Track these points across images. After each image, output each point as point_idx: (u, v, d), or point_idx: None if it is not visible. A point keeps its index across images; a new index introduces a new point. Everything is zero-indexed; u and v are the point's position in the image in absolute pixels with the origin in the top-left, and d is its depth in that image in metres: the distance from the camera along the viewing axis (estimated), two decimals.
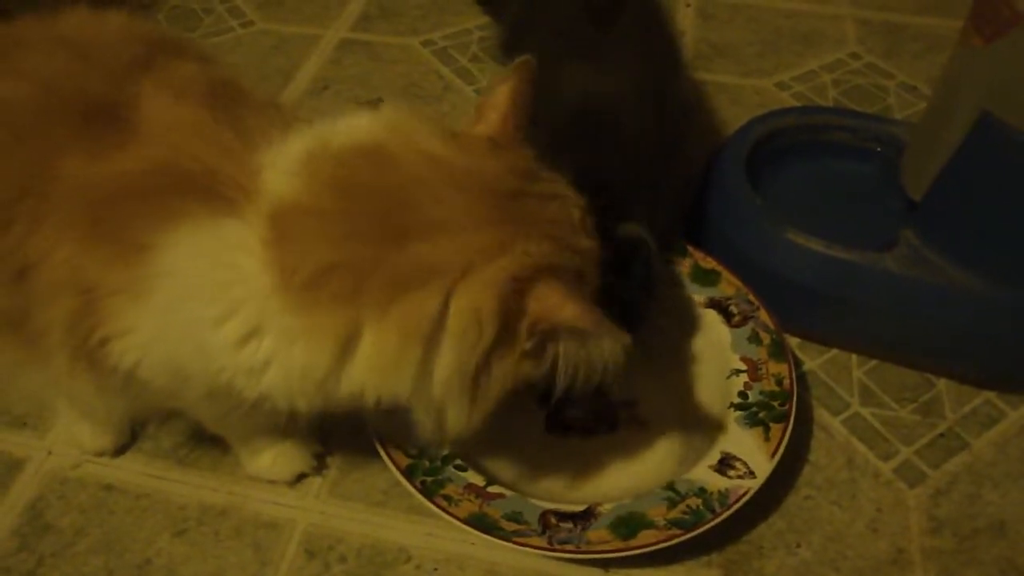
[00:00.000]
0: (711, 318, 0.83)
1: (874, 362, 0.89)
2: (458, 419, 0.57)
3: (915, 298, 0.84)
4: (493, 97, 0.62)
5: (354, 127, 0.59)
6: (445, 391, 0.56)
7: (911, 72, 1.25)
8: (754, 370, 0.78)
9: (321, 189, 0.55)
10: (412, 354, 0.54)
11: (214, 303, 0.55)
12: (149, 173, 0.56)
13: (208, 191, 0.56)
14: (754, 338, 0.81)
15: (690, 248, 0.88)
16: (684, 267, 0.86)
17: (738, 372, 0.79)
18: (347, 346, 0.54)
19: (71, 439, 0.81)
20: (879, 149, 0.99)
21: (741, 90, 1.21)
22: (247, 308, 0.55)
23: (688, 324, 0.84)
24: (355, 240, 0.54)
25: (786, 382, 0.77)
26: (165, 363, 0.59)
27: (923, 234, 0.86)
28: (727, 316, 0.83)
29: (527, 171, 0.59)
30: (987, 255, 0.83)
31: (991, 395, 0.87)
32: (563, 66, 0.88)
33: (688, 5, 1.38)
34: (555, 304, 0.54)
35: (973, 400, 0.86)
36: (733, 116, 1.15)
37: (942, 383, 0.87)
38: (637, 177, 0.82)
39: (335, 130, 0.59)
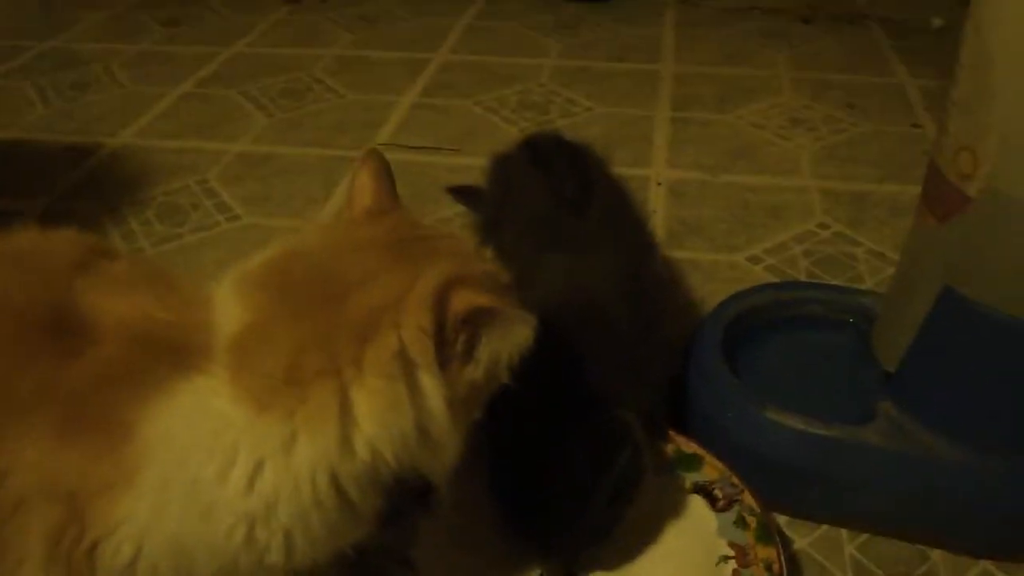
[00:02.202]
0: (696, 503, 0.83)
1: (865, 536, 0.88)
2: (455, 449, 0.63)
3: (898, 470, 0.84)
4: (357, 182, 0.70)
5: (262, 252, 0.65)
6: (442, 422, 0.61)
7: (877, 238, 1.29)
8: (743, 556, 0.78)
9: (255, 304, 0.60)
10: (400, 391, 0.58)
11: (212, 458, 0.56)
12: (111, 360, 0.58)
13: (171, 356, 0.58)
14: (740, 522, 0.80)
15: (671, 432, 0.88)
16: (667, 453, 0.87)
17: (727, 559, 0.78)
18: (345, 415, 0.57)
19: None
20: (852, 320, 1.02)
21: (715, 266, 1.25)
22: (244, 448, 0.56)
23: (674, 510, 0.83)
24: (304, 321, 0.59)
25: (775, 567, 0.76)
26: (168, 544, 0.57)
27: (900, 405, 0.87)
28: (712, 500, 0.82)
29: (410, 223, 0.69)
30: (965, 424, 0.84)
31: (988, 564, 0.85)
32: (540, 257, 0.91)
33: (659, 184, 1.44)
34: (468, 298, 0.60)
35: (970, 570, 0.85)
36: (709, 292, 1.18)
37: (936, 554, 0.86)
38: (622, 364, 0.84)
39: (249, 261, 0.64)
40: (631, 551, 0.83)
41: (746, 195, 1.41)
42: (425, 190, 1.43)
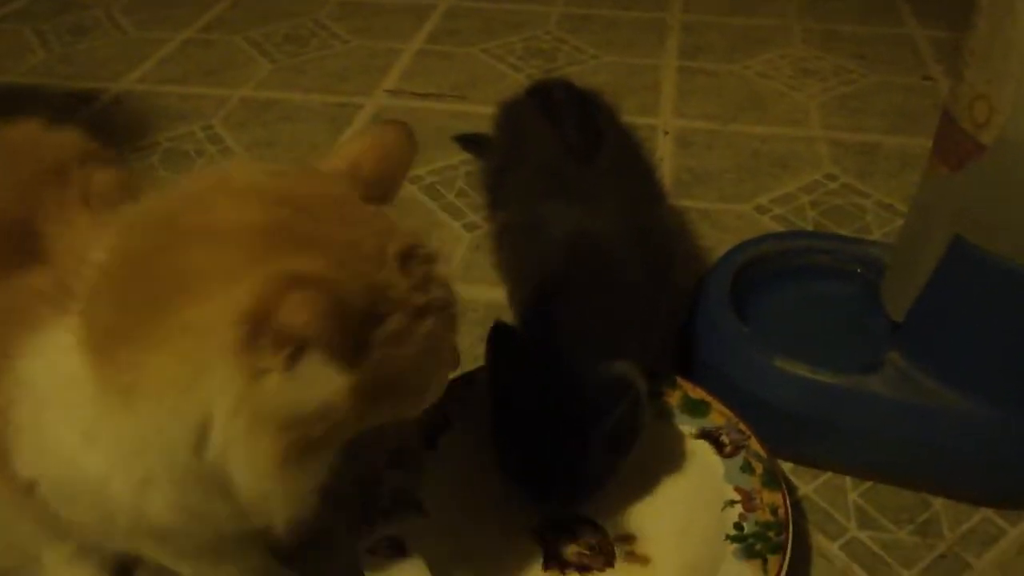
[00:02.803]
0: (703, 449, 0.83)
1: (869, 483, 0.89)
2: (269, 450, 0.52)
3: (903, 420, 0.85)
4: (351, 144, 0.63)
5: (162, 192, 0.59)
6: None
7: (886, 190, 1.29)
8: (748, 500, 0.78)
9: (121, 250, 0.55)
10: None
11: (60, 407, 0.55)
12: (26, 289, 0.57)
13: (63, 294, 0.56)
14: (747, 467, 0.81)
15: (679, 379, 0.89)
16: (674, 398, 0.87)
17: (733, 503, 0.78)
18: (187, 387, 0.51)
19: None
20: (859, 271, 1.02)
21: (722, 215, 1.24)
22: (84, 403, 0.53)
23: (680, 456, 0.84)
24: (151, 283, 0.53)
25: (781, 511, 0.77)
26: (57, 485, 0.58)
27: (908, 355, 0.87)
28: (719, 446, 0.83)
29: (344, 200, 0.58)
30: (972, 375, 0.84)
31: (989, 512, 0.86)
32: (548, 205, 0.91)
33: (666, 133, 1.43)
34: (295, 308, 0.49)
35: (971, 518, 0.86)
36: (716, 242, 1.17)
37: (939, 502, 0.87)
38: (628, 311, 0.84)
39: (146, 200, 0.59)
40: (637, 496, 0.84)
41: (754, 145, 1.40)
42: (430, 137, 1.42)
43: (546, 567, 0.79)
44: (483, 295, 1.09)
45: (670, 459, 0.84)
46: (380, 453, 0.82)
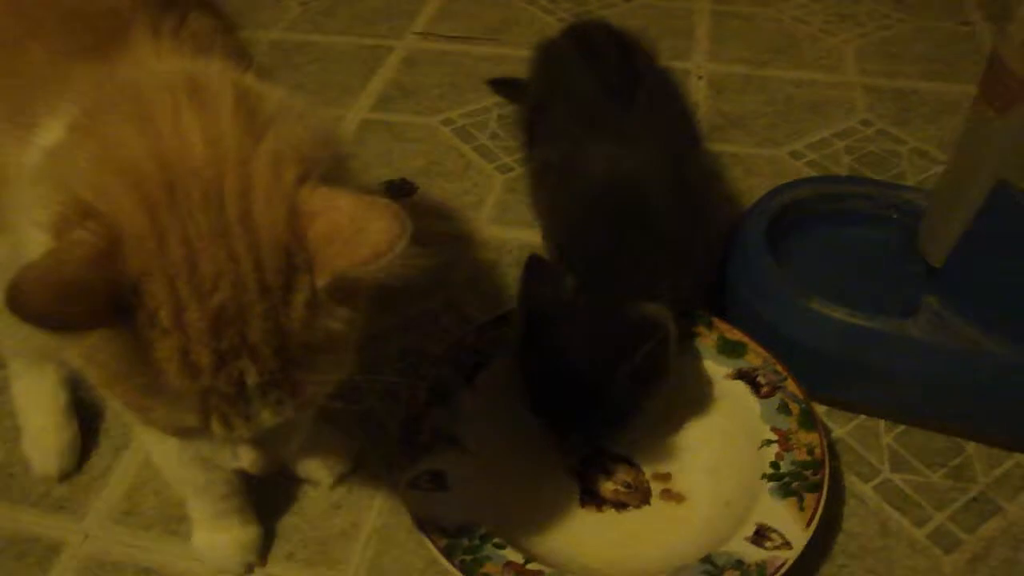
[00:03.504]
0: (739, 389, 0.84)
1: (903, 427, 0.89)
2: None
3: (940, 363, 0.85)
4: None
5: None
6: None
7: (922, 137, 1.27)
8: (785, 440, 0.79)
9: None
10: None
11: None
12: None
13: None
14: (783, 408, 0.81)
15: (715, 320, 0.89)
16: (710, 339, 0.88)
17: (769, 442, 0.79)
18: None
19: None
20: (896, 216, 1.01)
21: (756, 160, 1.24)
22: None
23: (716, 396, 0.85)
24: None
25: (817, 451, 0.78)
26: None
27: (945, 300, 0.87)
28: (755, 387, 0.83)
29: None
30: (1010, 320, 0.84)
31: (1022, 457, 0.87)
32: (586, 145, 0.91)
33: (700, 77, 1.41)
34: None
35: (1004, 463, 0.86)
36: (749, 186, 1.17)
37: (972, 446, 0.88)
38: (663, 252, 0.84)
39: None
40: (673, 435, 0.85)
41: (788, 90, 1.38)
42: (462, 80, 1.41)
43: (583, 503, 0.81)
44: (517, 236, 1.10)
45: (706, 399, 0.85)
46: (420, 390, 0.83)
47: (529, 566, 0.71)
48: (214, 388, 0.48)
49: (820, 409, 0.90)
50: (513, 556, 0.72)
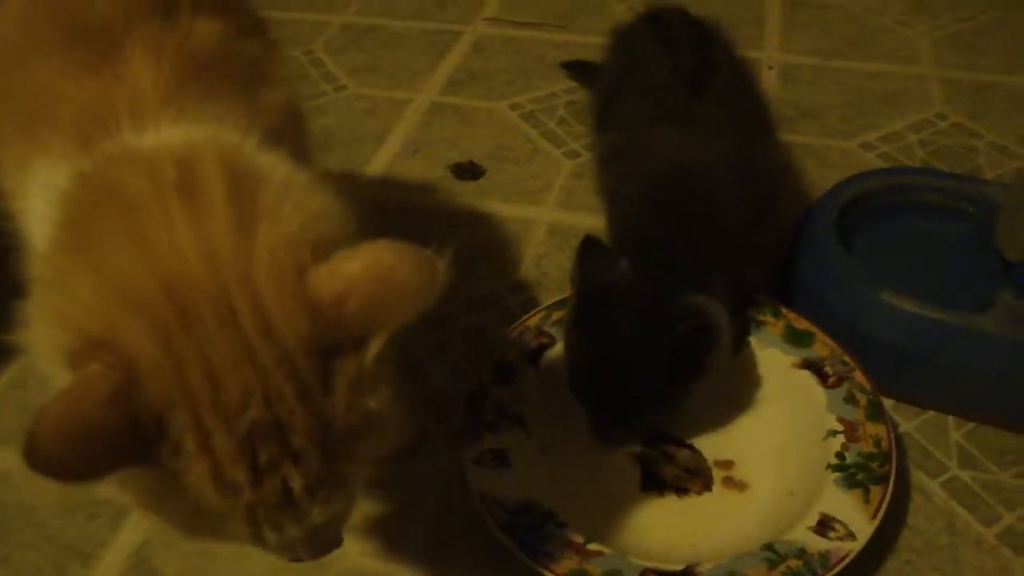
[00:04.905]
0: (805, 379, 0.83)
1: (972, 424, 0.87)
2: None
3: (1013, 360, 0.83)
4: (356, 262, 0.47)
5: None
6: None
7: (1000, 132, 1.24)
8: (851, 431, 0.78)
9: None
10: None
11: None
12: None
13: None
14: (850, 399, 0.80)
15: (783, 309, 0.88)
16: (777, 328, 0.87)
17: (835, 433, 0.78)
18: None
19: None
20: (971, 210, 0.99)
21: (826, 151, 1.22)
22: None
23: (782, 385, 0.84)
24: None
25: (884, 443, 0.77)
26: None
27: (1021, 294, 0.85)
28: (822, 377, 0.83)
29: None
30: None
31: None
32: (656, 130, 0.90)
33: (770, 68, 1.40)
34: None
35: None
36: (819, 178, 1.15)
37: None
38: (724, 245, 0.84)
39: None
40: (737, 422, 0.84)
41: (861, 81, 1.36)
42: (532, 66, 1.42)
43: (644, 488, 0.81)
44: (583, 222, 1.10)
45: (771, 387, 0.85)
46: (486, 368, 0.84)
47: (589, 546, 0.71)
48: (259, 501, 0.46)
49: (888, 403, 0.88)
50: (573, 536, 0.72)
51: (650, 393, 0.77)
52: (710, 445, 0.83)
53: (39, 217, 0.53)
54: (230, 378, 0.45)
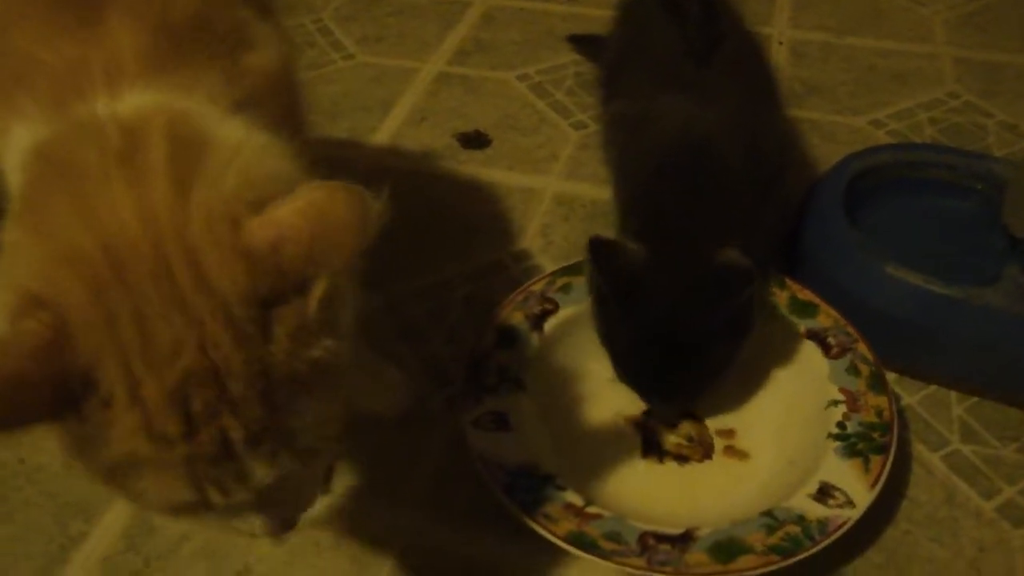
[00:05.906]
0: (809, 349, 0.83)
1: (974, 399, 0.87)
2: None
3: (1018, 335, 0.83)
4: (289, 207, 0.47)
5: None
6: None
7: (1012, 111, 1.24)
8: (853, 401, 0.78)
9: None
10: None
11: None
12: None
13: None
14: (852, 369, 0.80)
15: (787, 280, 0.88)
16: (781, 299, 0.87)
17: (836, 403, 0.78)
18: None
19: None
20: (979, 187, 0.98)
21: (835, 127, 1.21)
22: None
23: (785, 354, 0.84)
24: None
25: (886, 413, 0.77)
26: None
27: None
28: (825, 347, 0.82)
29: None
30: None
31: None
32: (663, 99, 0.90)
33: (780, 43, 1.39)
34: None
35: None
36: (826, 153, 1.15)
37: None
38: (732, 213, 0.83)
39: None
40: (738, 391, 0.84)
41: (872, 59, 1.35)
42: (541, 38, 1.41)
43: (644, 454, 0.81)
44: (589, 192, 1.10)
45: (773, 357, 0.85)
46: (489, 331, 0.84)
47: (589, 509, 0.72)
48: (196, 453, 0.45)
49: (890, 377, 0.88)
50: (573, 499, 0.72)
51: (715, 359, 0.77)
52: (712, 414, 0.83)
53: (15, 183, 0.54)
54: (161, 329, 0.45)
